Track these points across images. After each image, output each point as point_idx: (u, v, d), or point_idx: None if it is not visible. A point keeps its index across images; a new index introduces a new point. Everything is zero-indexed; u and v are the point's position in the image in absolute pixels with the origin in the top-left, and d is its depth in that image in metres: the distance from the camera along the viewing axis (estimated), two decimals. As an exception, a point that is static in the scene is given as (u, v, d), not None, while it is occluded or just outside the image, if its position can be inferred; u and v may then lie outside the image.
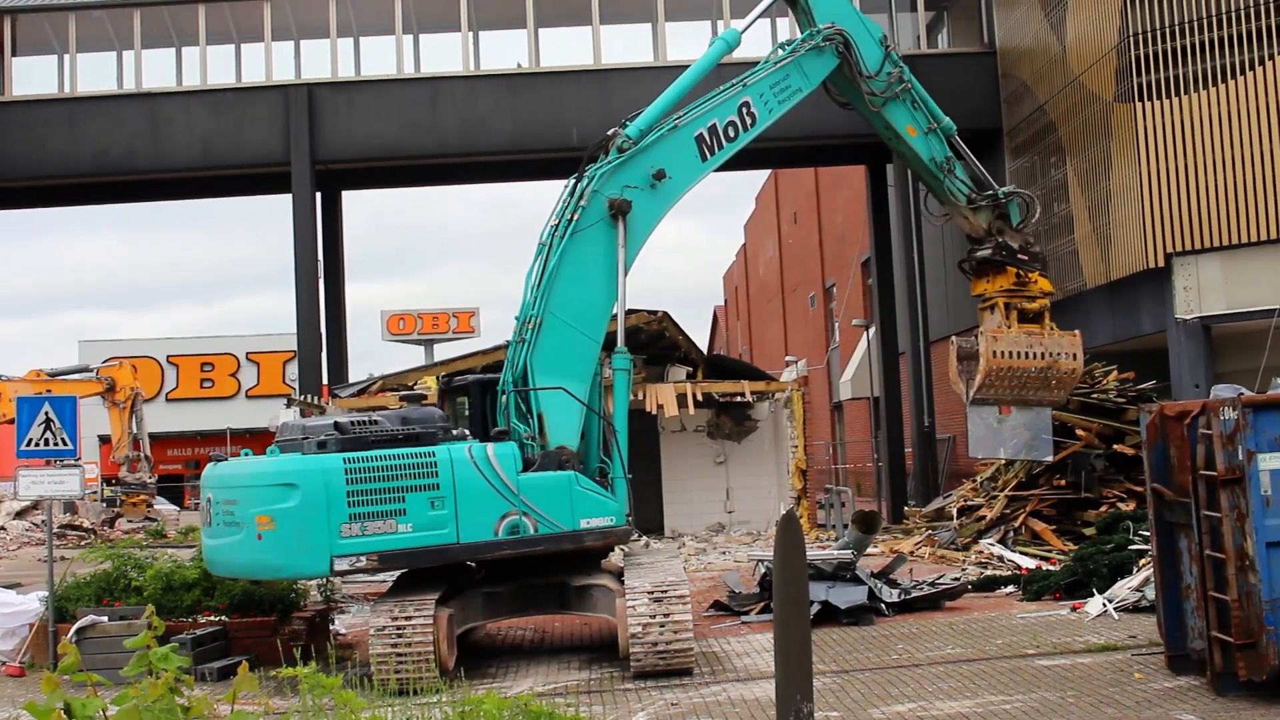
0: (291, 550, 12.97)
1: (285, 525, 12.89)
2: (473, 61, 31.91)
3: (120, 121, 31.32)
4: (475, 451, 13.70)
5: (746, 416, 30.53)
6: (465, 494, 13.48)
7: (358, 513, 13.04)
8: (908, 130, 17.48)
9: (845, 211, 46.30)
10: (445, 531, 13.41)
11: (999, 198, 17.83)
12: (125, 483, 44.32)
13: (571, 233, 14.64)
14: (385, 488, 13.21)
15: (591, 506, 14.10)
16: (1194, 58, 23.50)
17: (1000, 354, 17.11)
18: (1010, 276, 17.68)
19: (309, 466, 13.10)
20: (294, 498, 12.92)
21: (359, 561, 13.09)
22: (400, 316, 70.92)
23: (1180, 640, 11.84)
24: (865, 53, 17.18)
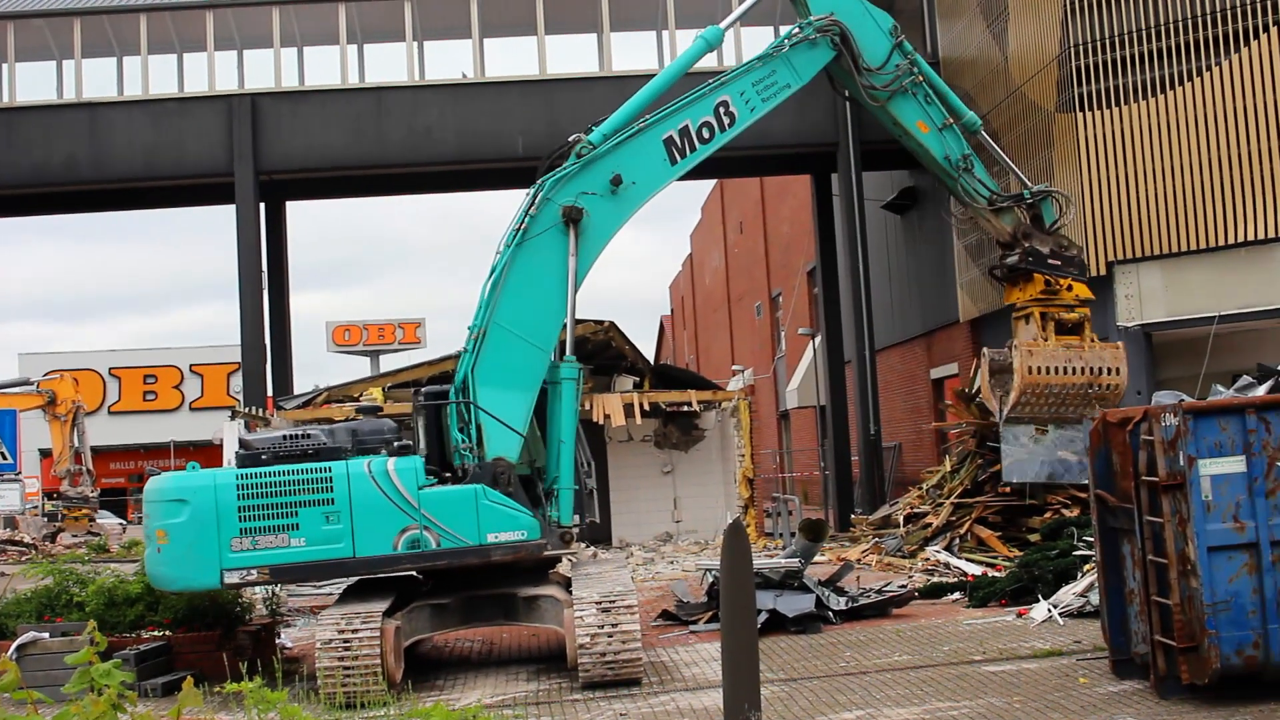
0: (183, 563, 13.46)
1: (177, 539, 13.40)
2: (418, 71, 31.81)
3: (60, 131, 30.98)
4: (375, 466, 13.75)
5: (693, 426, 30.58)
6: (362, 509, 13.60)
7: (249, 527, 13.40)
8: (918, 126, 16.68)
9: (791, 221, 46.48)
10: (341, 546, 13.54)
11: (1025, 197, 16.81)
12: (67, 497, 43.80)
13: (520, 241, 14.53)
14: (278, 503, 13.50)
15: (500, 520, 13.86)
16: (1134, 69, 23.78)
17: (1037, 370, 15.95)
18: (1040, 284, 16.56)
19: (200, 483, 13.56)
20: (184, 513, 13.40)
21: (249, 574, 13.45)
22: (346, 328, 70.61)
23: (1124, 645, 11.94)
24: (867, 44, 16.41)
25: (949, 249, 31.30)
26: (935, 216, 32.63)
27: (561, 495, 14.43)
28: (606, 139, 14.96)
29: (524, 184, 15.18)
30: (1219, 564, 10.53)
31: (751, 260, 54.49)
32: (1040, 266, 16.41)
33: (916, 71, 16.50)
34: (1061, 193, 17.16)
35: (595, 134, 14.99)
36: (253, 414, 25.93)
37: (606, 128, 15.07)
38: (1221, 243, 22.98)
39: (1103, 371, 16.44)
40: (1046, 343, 16.20)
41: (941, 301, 32.27)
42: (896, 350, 36.52)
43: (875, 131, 31.18)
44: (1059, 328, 16.43)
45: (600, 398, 27.65)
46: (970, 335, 30.68)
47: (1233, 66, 22.84)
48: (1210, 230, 23.08)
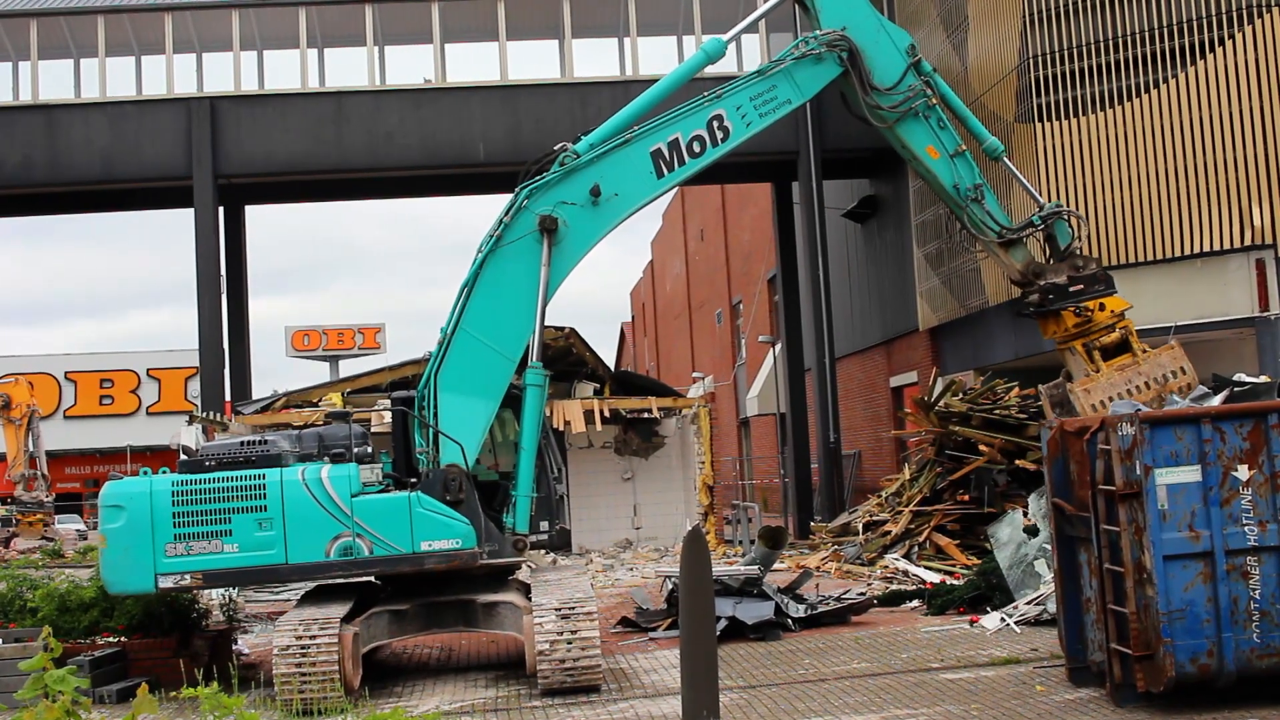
0: (120, 567, 13.66)
1: (115, 544, 13.65)
2: (378, 76, 31.72)
3: (16, 133, 30.72)
4: (309, 474, 13.82)
5: (654, 433, 30.59)
6: (294, 516, 13.72)
7: (183, 533, 13.62)
8: (928, 151, 15.81)
9: (752, 229, 46.61)
10: (273, 552, 13.65)
11: (1035, 223, 16.01)
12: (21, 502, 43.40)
13: (493, 248, 14.42)
14: (211, 509, 13.70)
15: (434, 529, 13.80)
16: (1093, 79, 23.95)
17: (1100, 405, 14.80)
18: (1070, 317, 15.60)
19: (136, 489, 13.78)
20: (121, 519, 13.66)
21: (183, 579, 13.63)
22: (305, 333, 70.26)
23: (1081, 653, 12.01)
24: (880, 63, 15.56)
25: (909, 257, 31.44)
26: (895, 225, 32.78)
27: (518, 503, 14.35)
28: (593, 148, 14.68)
29: (486, 189, 15.24)
30: (1174, 573, 10.61)
31: (712, 268, 54.60)
32: (1064, 300, 15.55)
33: (932, 93, 15.77)
34: (1073, 211, 16.32)
35: (582, 143, 14.70)
36: (210, 419, 25.77)
37: (594, 137, 14.78)
38: (1177, 254, 23.15)
39: (1168, 377, 15.38)
40: (1099, 374, 15.28)
41: (901, 310, 32.41)
42: (856, 358, 36.65)
43: (836, 140, 31.44)
44: (1105, 352, 15.56)
45: (561, 404, 27.63)
46: (930, 343, 30.82)
47: (1190, 79, 23.04)
48: (1166, 241, 23.25)
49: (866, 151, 32.95)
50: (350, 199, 36.54)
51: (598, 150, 14.71)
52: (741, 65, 33.33)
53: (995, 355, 27.46)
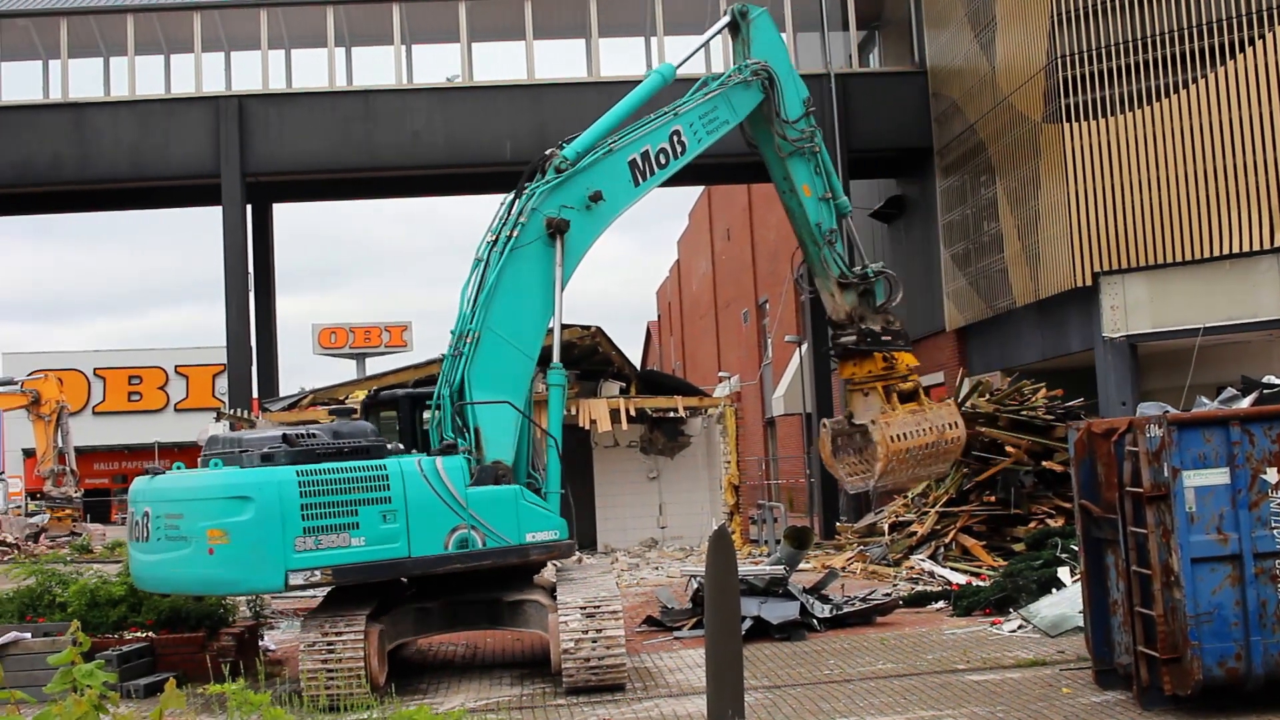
0: (245, 564, 12.66)
1: (239, 539, 12.58)
2: (405, 75, 31.79)
3: (46, 131, 30.89)
4: (425, 465, 13.59)
5: (679, 432, 30.56)
6: (416, 507, 13.35)
7: (311, 526, 12.78)
8: (804, 189, 17.46)
9: (778, 228, 46.48)
10: (397, 545, 13.22)
11: (869, 276, 17.77)
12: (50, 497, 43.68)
13: (511, 249, 14.62)
14: (338, 501, 12.99)
15: (537, 521, 14.10)
16: (1121, 80, 23.85)
17: (896, 438, 17.04)
18: (879, 361, 17.58)
19: (263, 479, 12.79)
20: (248, 510, 12.61)
21: (313, 576, 12.79)
22: (332, 330, 70.48)
23: (1107, 655, 11.96)
24: (787, 99, 17.30)
25: (935, 258, 31.37)
26: (922, 225, 32.71)
27: (549, 499, 14.49)
28: (580, 156, 15.22)
29: (512, 188, 15.27)
30: (1202, 575, 10.57)
31: (739, 267, 54.52)
32: (877, 345, 17.55)
33: (816, 142, 17.58)
34: (894, 274, 18.32)
35: (569, 150, 15.24)
36: (238, 415, 25.87)
37: (579, 145, 15.34)
38: (1207, 254, 23.04)
39: (946, 428, 17.70)
40: (896, 412, 17.30)
41: (927, 310, 32.32)
42: (882, 358, 36.53)
43: (862, 140, 31.38)
44: (901, 396, 17.62)
45: (586, 403, 27.63)
46: (956, 344, 30.74)
47: (1219, 79, 22.92)
48: (1195, 242, 23.15)
49: (893, 151, 32.90)
50: (377, 197, 36.63)
51: (588, 158, 15.26)
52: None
53: (1022, 356, 27.38)
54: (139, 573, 13.90)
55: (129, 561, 14.24)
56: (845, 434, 17.70)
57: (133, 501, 13.83)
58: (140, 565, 13.75)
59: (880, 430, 16.98)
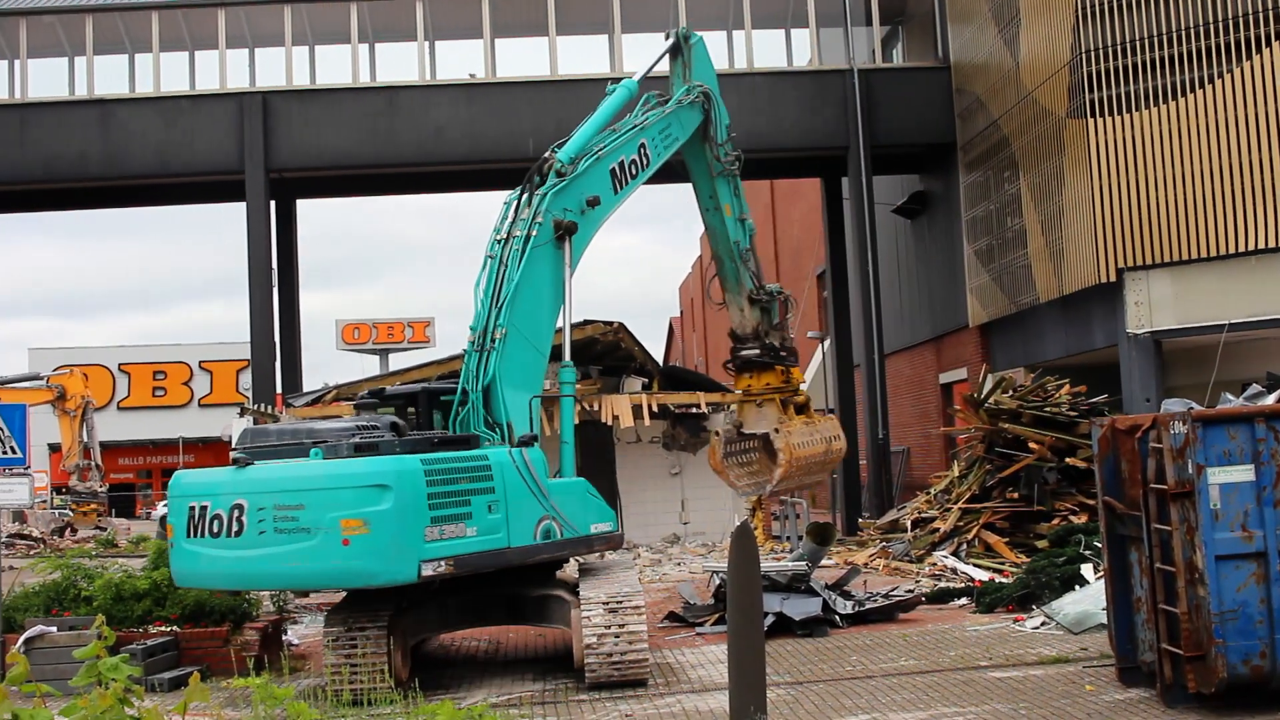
0: (385, 555, 12.20)
1: (380, 529, 12.14)
2: (429, 71, 31.84)
3: (72, 128, 31.05)
4: (515, 455, 13.64)
5: (702, 428, 30.55)
6: (513, 498, 13.39)
7: (437, 516, 12.53)
8: (726, 208, 18.28)
9: (800, 224, 46.50)
10: (500, 536, 13.16)
11: (774, 294, 18.93)
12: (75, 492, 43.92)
13: (530, 248, 14.74)
14: (456, 491, 12.83)
15: (599, 513, 14.51)
16: (1146, 74, 23.73)
17: (796, 446, 18.25)
18: (778, 375, 18.80)
19: (401, 467, 12.48)
20: (387, 500, 12.21)
21: (439, 566, 12.49)
22: (355, 326, 70.70)
23: (1131, 652, 11.93)
24: (721, 121, 18.31)
25: (959, 254, 31.29)
26: (945, 221, 32.63)
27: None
28: (573, 161, 15.52)
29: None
30: (1227, 573, 10.52)
31: (761, 263, 54.46)
32: (777, 359, 18.84)
33: (739, 167, 18.60)
34: (789, 294, 19.87)
35: (563, 154, 15.47)
36: (262, 410, 25.96)
37: (572, 150, 15.62)
38: (1232, 250, 22.92)
39: (832, 440, 19.43)
40: (792, 422, 18.59)
41: (951, 306, 32.26)
42: (905, 354, 36.50)
43: (886, 135, 31.34)
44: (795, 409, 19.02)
45: (609, 399, 27.65)
46: (979, 340, 30.66)
47: (1245, 73, 22.79)
48: (1220, 238, 23.03)
49: (917, 147, 32.83)
50: (400, 193, 36.71)
51: (583, 163, 15.60)
52: (753, 60, 33.46)
53: (1046, 352, 27.30)
54: (217, 570, 12.99)
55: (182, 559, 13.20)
56: (735, 441, 18.94)
57: (201, 496, 13.02)
58: (222, 562, 12.85)
59: (783, 439, 18.19)
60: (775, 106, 31.42)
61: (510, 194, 15.33)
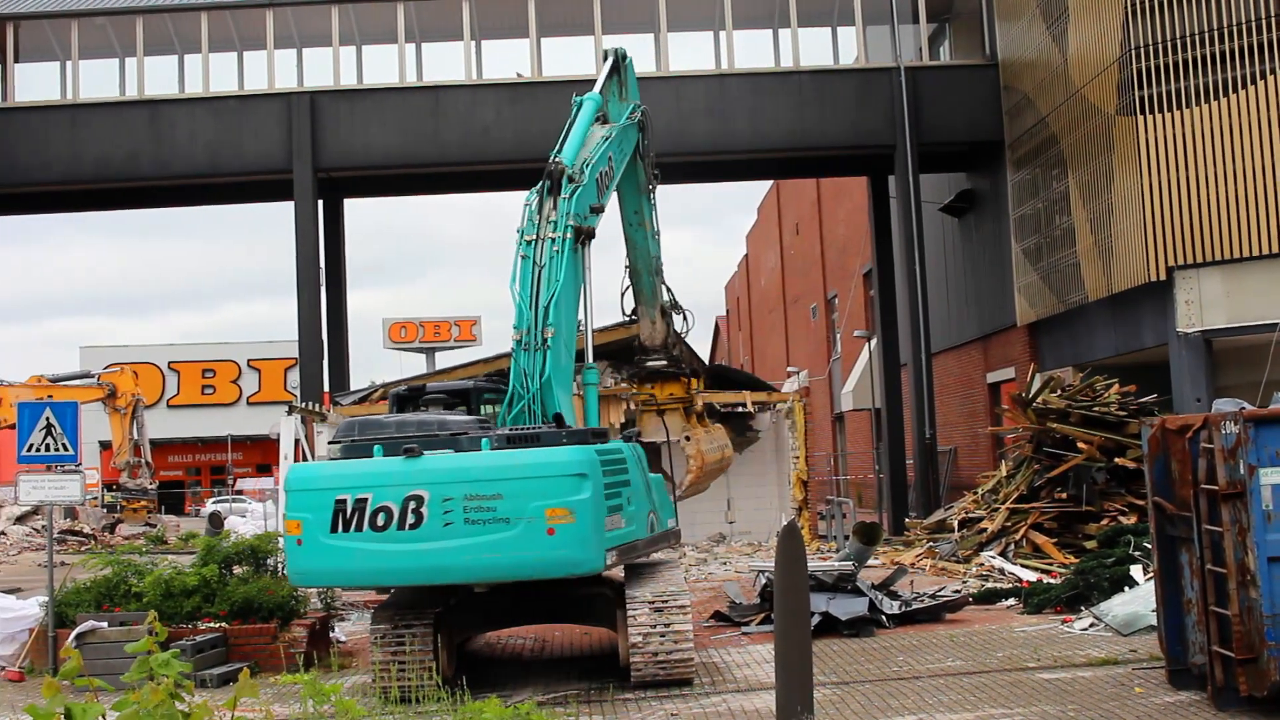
0: (586, 544, 12.13)
1: (582, 518, 12.08)
2: (475, 71, 31.93)
3: (123, 128, 31.35)
4: (636, 450, 13.95)
5: (748, 427, 30.49)
6: (639, 491, 13.73)
7: (611, 506, 12.58)
8: (645, 224, 18.35)
9: (847, 223, 46.35)
10: (636, 527, 13.33)
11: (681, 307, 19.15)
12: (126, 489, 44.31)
13: (569, 251, 14.85)
14: (615, 481, 12.90)
15: (670, 508, 14.96)
16: (1197, 71, 23.52)
17: (705, 453, 19.18)
18: (682, 385, 19.30)
19: (594, 456, 12.49)
20: (586, 489, 12.17)
21: (613, 556, 12.53)
22: (402, 324, 71.05)
23: (1181, 655, 11.82)
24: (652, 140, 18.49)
25: (1006, 252, 31.11)
26: (993, 220, 32.44)
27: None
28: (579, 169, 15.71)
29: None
30: (1279, 575, 10.40)
31: (807, 262, 54.35)
32: (681, 370, 19.51)
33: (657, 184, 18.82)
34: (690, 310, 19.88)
35: (565, 159, 15.63)
36: (310, 409, 26.12)
37: (570, 156, 15.74)
38: (1284, 249, 22.70)
39: (725, 447, 20.40)
40: (699, 429, 19.36)
41: (998, 305, 32.07)
42: (953, 354, 36.32)
43: (933, 134, 31.21)
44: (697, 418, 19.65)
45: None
46: (1027, 339, 30.48)
47: (1298, 70, 22.55)
48: (1272, 235, 22.79)
49: (963, 145, 32.67)
50: (446, 192, 36.87)
51: (585, 171, 15.72)
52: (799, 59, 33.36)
53: (1095, 351, 27.09)
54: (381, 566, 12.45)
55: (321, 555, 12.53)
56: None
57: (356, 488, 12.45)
58: (389, 557, 12.38)
59: (695, 445, 19.10)
60: (821, 105, 31.34)
61: (529, 194, 15.41)
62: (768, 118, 31.26)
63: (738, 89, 31.51)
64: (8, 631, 15.93)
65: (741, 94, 31.43)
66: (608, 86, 18.34)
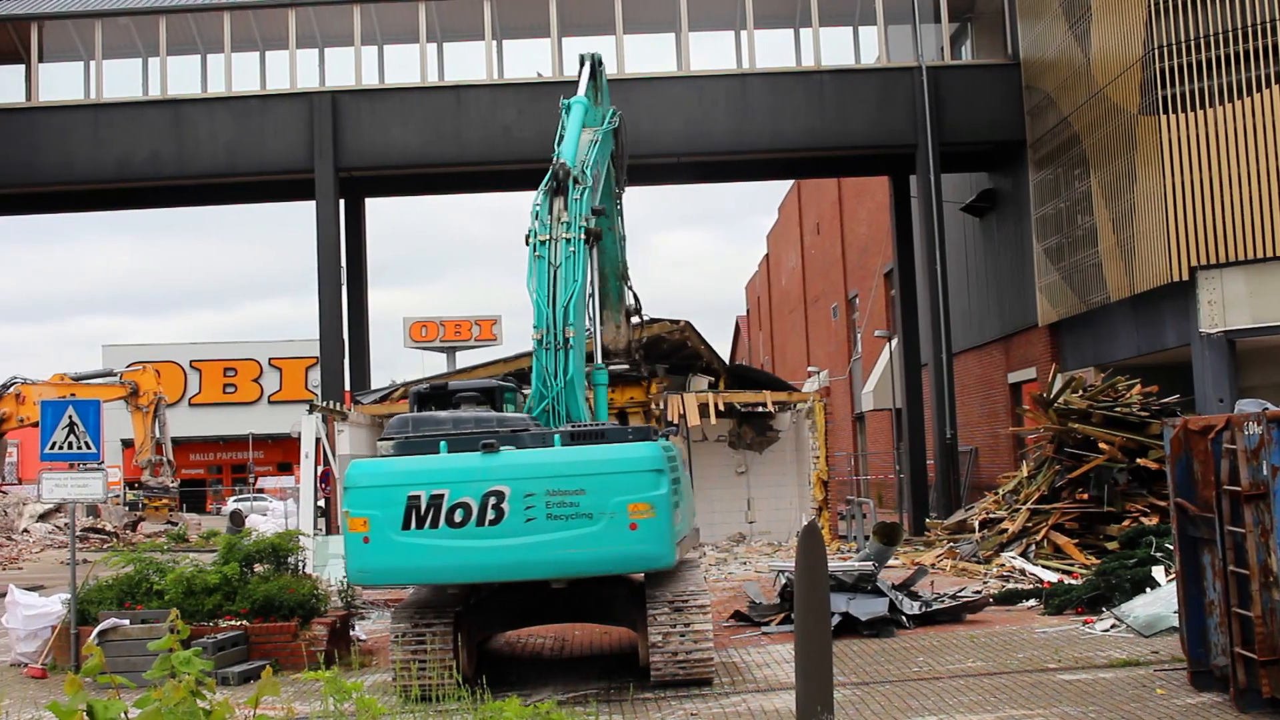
0: (664, 539, 12.30)
1: (661, 513, 12.27)
2: (496, 70, 31.97)
3: (145, 127, 31.47)
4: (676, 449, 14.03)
5: (768, 427, 30.48)
6: (686, 488, 13.95)
7: (674, 501, 12.64)
8: (615, 229, 18.25)
9: (868, 222, 46.27)
10: (685, 524, 13.47)
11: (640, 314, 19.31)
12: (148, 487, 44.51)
13: (584, 252, 14.90)
14: (676, 478, 12.98)
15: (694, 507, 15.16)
16: (1220, 71, 23.42)
17: None
18: (643, 389, 19.70)
19: (667, 452, 12.68)
20: (663, 484, 12.36)
21: (679, 552, 12.72)
22: (423, 324, 71.15)
23: (1203, 656, 11.77)
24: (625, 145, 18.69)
25: (1028, 252, 31.02)
26: (1015, 219, 32.35)
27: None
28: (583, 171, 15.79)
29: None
30: (1302, 576, 10.35)
31: (828, 261, 54.28)
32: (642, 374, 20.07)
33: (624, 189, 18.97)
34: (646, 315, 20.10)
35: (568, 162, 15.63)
36: (330, 408, 26.17)
37: (570, 158, 15.75)
38: (1308, 249, 22.59)
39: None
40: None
41: (1020, 305, 31.99)
42: (974, 354, 36.23)
43: (954, 133, 31.13)
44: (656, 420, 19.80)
45: (675, 397, 27.65)
46: (1049, 339, 30.39)
47: (1322, 70, 22.44)
48: (1297, 236, 22.69)
49: (985, 145, 32.58)
50: (467, 192, 36.91)
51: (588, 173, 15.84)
52: (820, 58, 33.25)
53: (1116, 352, 27.00)
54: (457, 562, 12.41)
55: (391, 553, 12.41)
56: None
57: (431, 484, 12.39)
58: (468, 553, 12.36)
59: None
60: (843, 104, 31.29)
61: (538, 194, 15.44)
62: (789, 117, 31.23)
63: (759, 88, 31.47)
64: (31, 628, 16.02)
65: (762, 93, 31.39)
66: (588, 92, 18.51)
